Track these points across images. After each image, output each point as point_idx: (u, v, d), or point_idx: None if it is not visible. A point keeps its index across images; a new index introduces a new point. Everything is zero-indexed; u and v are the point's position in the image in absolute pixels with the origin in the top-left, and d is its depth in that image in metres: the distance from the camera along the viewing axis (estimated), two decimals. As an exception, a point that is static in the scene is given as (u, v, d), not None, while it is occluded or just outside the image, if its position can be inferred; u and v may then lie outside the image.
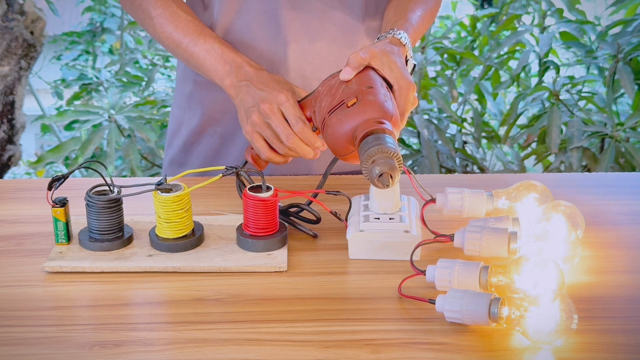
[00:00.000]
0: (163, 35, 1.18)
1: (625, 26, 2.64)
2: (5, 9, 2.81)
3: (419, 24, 1.17)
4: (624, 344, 0.80)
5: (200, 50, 1.15)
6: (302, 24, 1.19)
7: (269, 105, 1.04)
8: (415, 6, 1.19)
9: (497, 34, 2.88)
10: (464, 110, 2.99)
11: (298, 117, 1.03)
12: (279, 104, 1.04)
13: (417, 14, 1.18)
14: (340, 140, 0.95)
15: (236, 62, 1.12)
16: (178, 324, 0.83)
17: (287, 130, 1.03)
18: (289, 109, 1.04)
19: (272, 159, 1.07)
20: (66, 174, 0.96)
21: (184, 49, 1.17)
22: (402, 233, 0.96)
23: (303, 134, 1.03)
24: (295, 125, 1.03)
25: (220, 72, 1.13)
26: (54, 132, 3.62)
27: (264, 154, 1.07)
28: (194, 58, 1.16)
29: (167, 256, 0.95)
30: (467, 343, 0.79)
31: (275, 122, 1.04)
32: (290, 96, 1.05)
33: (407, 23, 1.14)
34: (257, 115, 1.05)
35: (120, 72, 3.23)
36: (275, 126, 1.04)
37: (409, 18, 1.15)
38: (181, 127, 1.32)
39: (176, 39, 1.17)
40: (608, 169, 2.37)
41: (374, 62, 1.01)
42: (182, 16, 1.18)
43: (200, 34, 1.16)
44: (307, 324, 0.83)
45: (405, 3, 1.20)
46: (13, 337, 0.81)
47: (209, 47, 1.15)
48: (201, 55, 1.15)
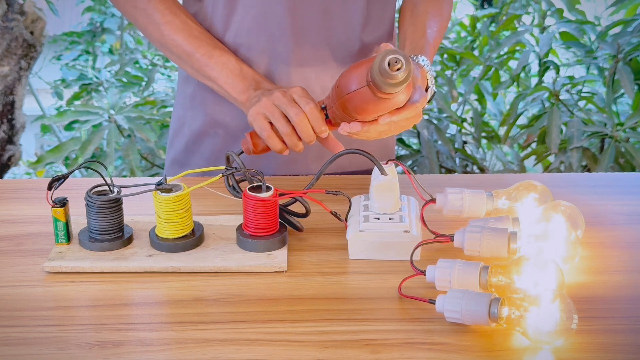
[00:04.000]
0: (172, 44, 1.18)
1: (625, 26, 2.63)
2: (5, 9, 2.81)
3: (435, 40, 1.19)
4: (624, 344, 0.80)
5: (216, 63, 1.16)
6: (303, 26, 1.19)
7: (282, 92, 1.07)
8: (432, 20, 1.19)
9: (497, 34, 2.88)
10: (464, 110, 2.99)
11: (308, 99, 1.05)
12: (291, 93, 1.07)
13: (434, 28, 1.19)
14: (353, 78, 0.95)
15: (255, 79, 1.15)
16: (178, 324, 0.83)
17: (296, 108, 1.05)
18: (299, 93, 1.06)
19: (271, 140, 1.07)
20: (66, 174, 0.96)
21: (196, 59, 1.17)
22: (402, 233, 0.96)
23: (312, 113, 1.04)
24: (305, 105, 1.05)
25: (239, 87, 1.15)
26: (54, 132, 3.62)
27: (265, 133, 1.07)
28: (208, 69, 1.17)
29: (167, 256, 0.95)
30: (467, 343, 0.80)
31: (285, 102, 1.05)
32: (302, 89, 1.07)
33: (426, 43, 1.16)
34: (267, 99, 1.07)
35: (120, 72, 3.23)
36: (286, 106, 1.05)
37: (428, 36, 1.17)
38: (183, 127, 1.32)
39: (187, 49, 1.17)
40: (608, 169, 2.37)
41: None
42: (193, 27, 1.18)
43: (215, 47, 1.18)
44: (307, 324, 0.83)
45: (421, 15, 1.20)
46: (13, 337, 0.81)
47: (225, 60, 1.16)
48: (217, 68, 1.16)
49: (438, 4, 1.24)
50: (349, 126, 1.00)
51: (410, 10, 1.24)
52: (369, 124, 0.99)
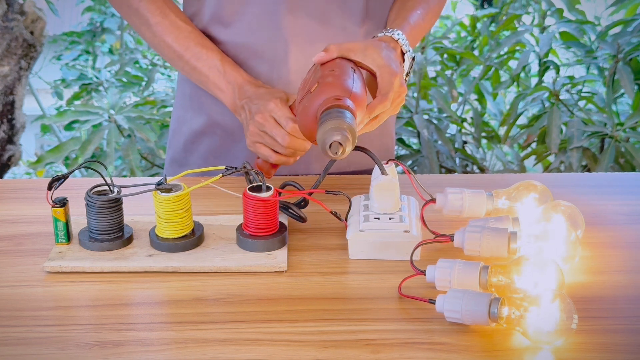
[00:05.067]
0: (163, 45, 1.19)
1: (625, 26, 2.64)
2: (5, 9, 2.81)
3: (418, 23, 1.18)
4: (624, 344, 0.80)
5: (203, 66, 1.18)
6: (302, 27, 1.19)
7: (262, 115, 1.09)
8: (415, 6, 1.20)
9: (497, 34, 2.88)
10: (464, 110, 2.99)
11: (287, 118, 1.07)
12: (269, 112, 1.08)
13: (417, 12, 1.19)
14: (308, 125, 0.96)
15: (237, 82, 1.16)
16: (178, 324, 0.83)
17: (280, 132, 1.07)
18: (278, 113, 1.08)
19: (279, 161, 1.11)
20: (66, 174, 0.96)
21: (185, 61, 1.19)
22: (402, 233, 0.96)
23: (295, 131, 1.06)
24: (286, 126, 1.07)
25: (224, 91, 1.17)
26: (54, 132, 3.62)
27: (272, 159, 1.10)
28: (197, 72, 1.19)
29: (167, 256, 0.95)
30: (467, 343, 0.80)
31: (269, 128, 1.08)
32: (279, 102, 1.09)
33: (405, 22, 1.17)
34: (253, 127, 1.10)
35: (120, 72, 3.22)
36: (270, 131, 1.08)
37: (407, 17, 1.18)
38: (182, 126, 1.32)
39: (177, 50, 1.19)
40: (608, 169, 2.37)
41: (354, 55, 1.04)
42: (182, 27, 1.19)
43: (202, 47, 1.18)
44: (307, 324, 0.83)
45: (403, 4, 1.21)
46: (13, 337, 0.81)
47: (211, 64, 1.18)
48: (204, 72, 1.18)
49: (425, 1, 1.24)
50: None
51: (399, 5, 1.24)
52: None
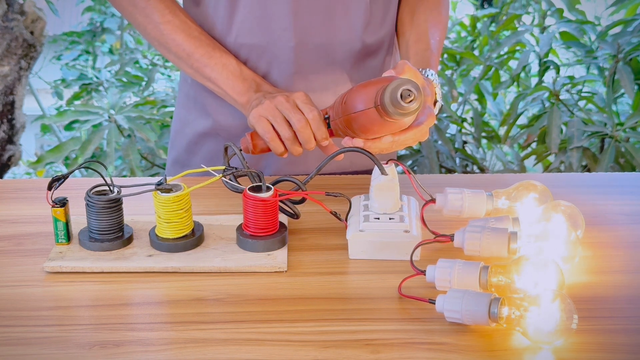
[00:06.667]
0: (172, 44, 1.18)
1: (625, 26, 2.64)
2: (5, 9, 2.81)
3: (438, 50, 1.19)
4: (623, 344, 0.80)
5: (216, 64, 1.16)
6: (306, 26, 1.19)
7: (285, 97, 1.07)
8: (433, 30, 1.19)
9: (497, 34, 2.88)
10: (464, 110, 2.99)
11: (312, 107, 1.05)
12: (294, 98, 1.06)
13: (436, 38, 1.19)
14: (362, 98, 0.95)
15: (256, 80, 1.15)
16: (178, 324, 0.83)
17: (299, 115, 1.05)
18: (303, 99, 1.06)
19: (273, 143, 1.06)
20: (66, 174, 0.96)
21: (196, 59, 1.17)
22: (402, 233, 0.96)
23: (315, 121, 1.04)
24: (308, 113, 1.04)
25: (239, 89, 1.15)
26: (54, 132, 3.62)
27: (268, 135, 1.06)
28: (208, 70, 1.17)
29: (167, 256, 0.95)
30: (467, 343, 0.80)
31: (287, 107, 1.05)
32: (306, 95, 1.06)
33: (432, 55, 1.15)
34: (269, 102, 1.07)
35: (120, 72, 3.23)
36: (288, 110, 1.05)
37: (432, 47, 1.17)
38: (185, 127, 1.32)
39: (187, 49, 1.17)
40: (608, 169, 2.37)
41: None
42: (193, 27, 1.18)
43: (215, 48, 1.17)
44: (307, 324, 0.83)
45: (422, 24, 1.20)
46: (13, 337, 0.81)
47: (225, 61, 1.16)
48: (217, 69, 1.16)
49: (437, 11, 1.24)
50: (352, 141, 1.00)
51: (409, 18, 1.23)
52: (372, 141, 0.99)
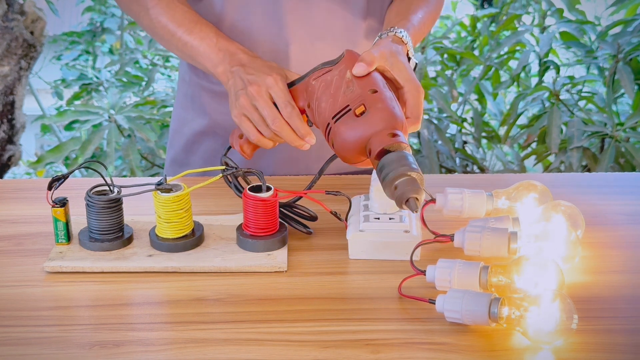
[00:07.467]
0: (158, 26, 1.17)
1: (626, 26, 2.64)
2: (5, 9, 2.81)
3: (420, 25, 1.17)
4: (623, 344, 0.80)
5: (194, 39, 1.14)
6: (305, 24, 1.19)
7: (257, 88, 1.03)
8: (417, 8, 1.19)
9: (497, 34, 2.88)
10: (464, 110, 2.99)
11: (287, 102, 1.01)
12: (267, 87, 1.03)
13: (419, 15, 1.18)
14: (351, 150, 0.93)
15: (230, 50, 1.12)
16: (178, 324, 0.83)
17: (273, 113, 1.01)
18: (277, 93, 1.02)
19: (260, 142, 1.05)
20: (66, 174, 0.96)
21: (178, 38, 1.16)
22: (402, 233, 0.96)
23: (291, 119, 1.01)
24: (283, 109, 1.01)
25: (214, 60, 1.12)
26: (54, 132, 3.62)
27: (252, 137, 1.04)
28: (188, 47, 1.15)
29: (167, 256, 0.95)
30: (467, 343, 0.80)
31: (261, 105, 1.02)
32: (280, 80, 1.03)
33: (409, 23, 1.13)
34: (245, 98, 1.04)
35: (120, 72, 3.23)
36: (262, 109, 1.02)
37: (411, 19, 1.15)
38: (183, 127, 1.32)
39: (171, 29, 1.16)
40: (608, 169, 2.37)
41: (383, 63, 0.99)
42: (178, 7, 1.17)
43: (196, 23, 1.16)
44: (307, 324, 0.83)
45: (407, 4, 1.20)
46: (13, 337, 0.81)
47: (203, 35, 1.14)
48: (195, 44, 1.14)
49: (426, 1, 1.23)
50: None
51: (399, 5, 1.23)
52: None
